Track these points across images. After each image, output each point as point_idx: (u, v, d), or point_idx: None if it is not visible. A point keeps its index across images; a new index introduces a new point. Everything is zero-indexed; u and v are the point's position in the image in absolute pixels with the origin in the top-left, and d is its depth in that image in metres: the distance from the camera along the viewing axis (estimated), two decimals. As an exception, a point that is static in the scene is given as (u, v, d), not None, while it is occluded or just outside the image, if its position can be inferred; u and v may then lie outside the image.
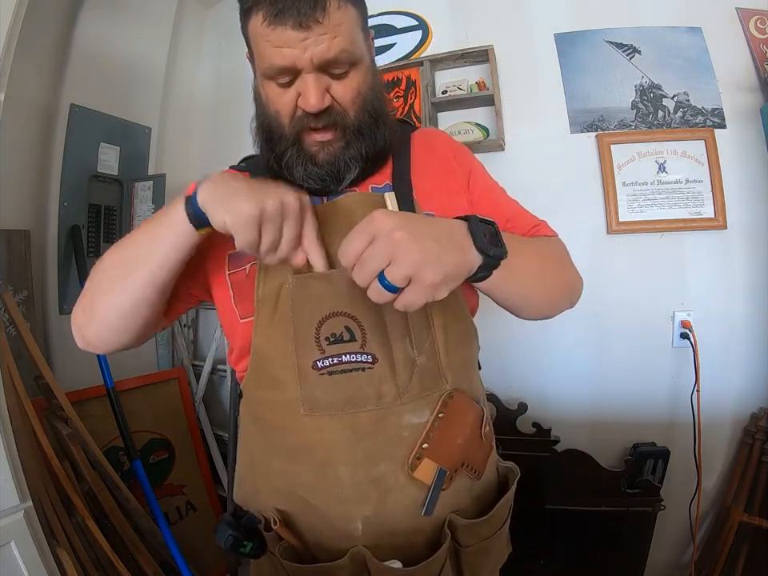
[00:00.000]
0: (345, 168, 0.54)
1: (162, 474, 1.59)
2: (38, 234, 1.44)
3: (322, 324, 0.50)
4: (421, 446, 0.51)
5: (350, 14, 0.50)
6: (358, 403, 0.50)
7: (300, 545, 0.52)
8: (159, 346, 1.83)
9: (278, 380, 0.52)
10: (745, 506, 1.21)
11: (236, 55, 1.98)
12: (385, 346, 0.50)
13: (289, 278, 0.51)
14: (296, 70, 0.49)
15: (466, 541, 0.53)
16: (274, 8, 0.48)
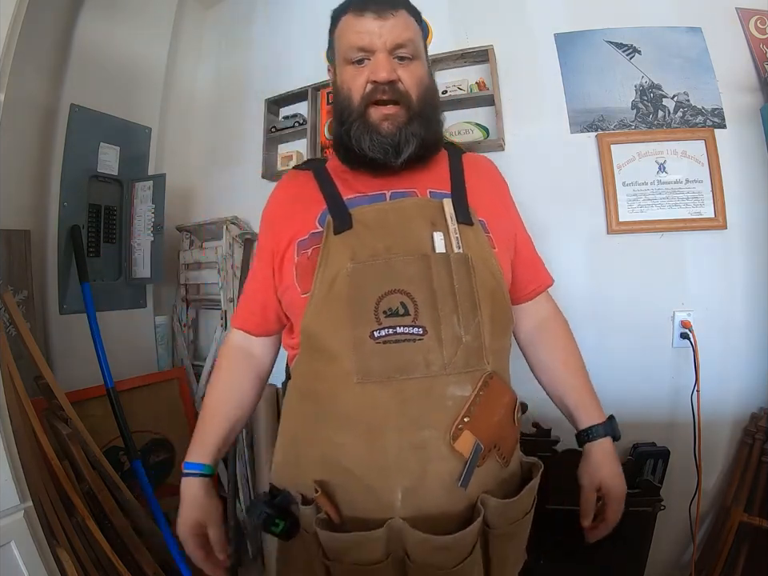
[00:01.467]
0: (404, 141, 0.62)
1: (162, 474, 1.59)
2: (38, 234, 1.45)
3: (381, 299, 0.56)
4: (463, 419, 0.55)
5: (416, 26, 0.65)
6: (408, 370, 0.54)
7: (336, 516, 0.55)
8: (159, 345, 1.84)
9: (331, 351, 0.57)
10: (745, 506, 1.21)
11: (236, 55, 1.98)
12: (434, 322, 0.55)
13: (347, 264, 0.57)
14: (372, 50, 0.61)
15: (494, 522, 0.56)
16: (361, 4, 0.62)
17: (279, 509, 0.59)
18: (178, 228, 1.91)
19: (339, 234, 0.60)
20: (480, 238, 0.62)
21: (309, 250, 0.62)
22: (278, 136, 1.75)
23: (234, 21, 2.00)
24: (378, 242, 0.59)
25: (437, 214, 0.61)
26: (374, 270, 0.57)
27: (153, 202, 1.66)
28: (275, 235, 0.68)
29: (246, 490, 1.69)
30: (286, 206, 0.71)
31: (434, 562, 0.53)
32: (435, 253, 0.58)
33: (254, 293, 0.73)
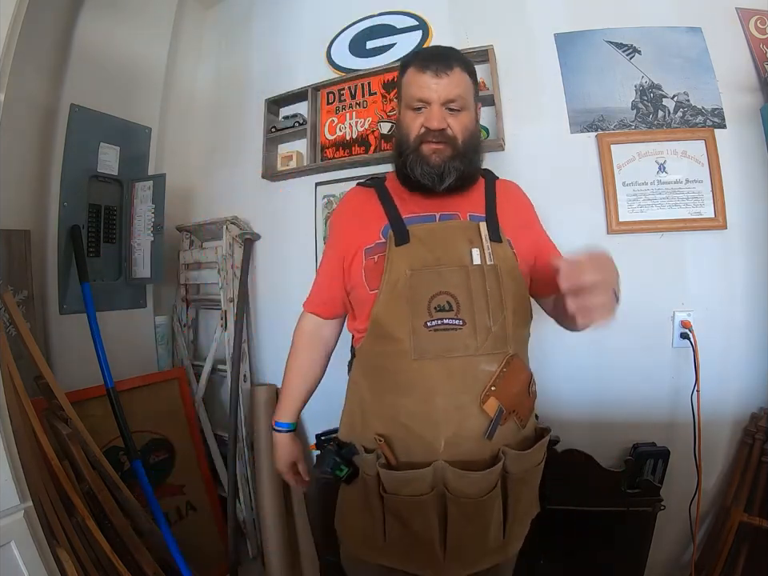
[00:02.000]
0: (447, 172, 0.78)
1: (162, 474, 1.59)
2: (38, 234, 1.44)
3: (432, 298, 0.75)
4: (490, 387, 0.73)
5: (467, 81, 0.80)
6: (451, 351, 0.74)
7: (393, 460, 0.75)
8: (159, 345, 1.84)
9: (394, 336, 0.75)
10: (745, 506, 1.21)
11: (236, 55, 1.98)
12: (470, 316, 0.74)
13: (407, 271, 0.76)
14: (428, 101, 0.77)
15: (511, 468, 0.74)
16: (424, 63, 0.78)
17: (345, 458, 0.79)
18: (178, 228, 1.91)
19: (399, 245, 0.78)
20: (507, 253, 0.79)
21: (375, 256, 0.80)
22: (278, 136, 1.75)
23: (234, 21, 2.00)
24: (428, 253, 0.77)
25: (474, 234, 0.78)
26: (427, 276, 0.75)
27: (153, 202, 1.66)
28: (345, 242, 0.86)
29: (246, 490, 1.69)
30: (353, 218, 0.89)
31: (467, 493, 0.71)
32: (473, 264, 0.76)
33: (325, 286, 0.92)
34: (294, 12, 1.83)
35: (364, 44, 1.67)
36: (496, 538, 0.76)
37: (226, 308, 1.72)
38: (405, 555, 0.76)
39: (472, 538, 0.74)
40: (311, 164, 1.67)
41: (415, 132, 0.79)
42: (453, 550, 0.74)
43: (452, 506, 0.72)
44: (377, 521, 0.77)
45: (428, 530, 0.73)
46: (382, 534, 0.77)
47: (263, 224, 1.83)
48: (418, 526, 0.73)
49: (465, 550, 0.74)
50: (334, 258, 0.89)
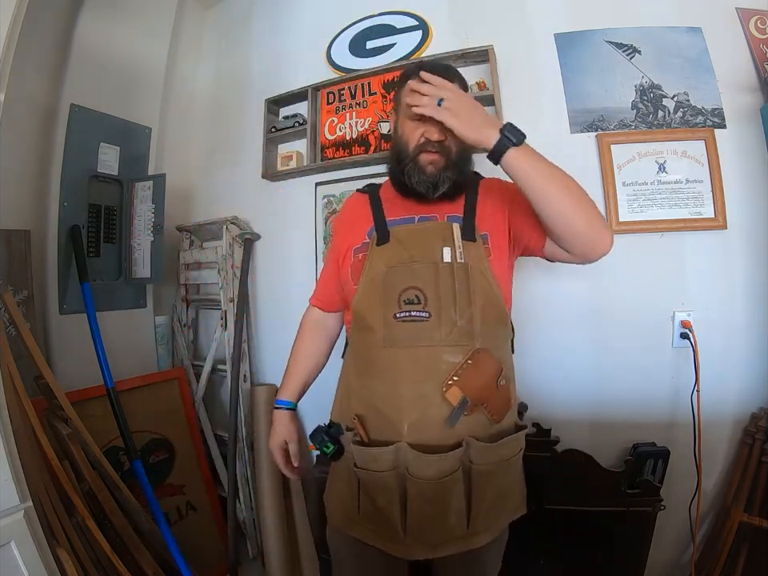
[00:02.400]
0: (441, 182, 0.83)
1: (162, 474, 1.59)
2: (38, 234, 1.45)
3: (403, 292, 0.81)
4: (452, 377, 0.77)
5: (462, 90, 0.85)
6: (417, 340, 0.79)
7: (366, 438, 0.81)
8: (159, 345, 1.84)
9: (370, 326, 0.82)
10: (745, 506, 1.21)
11: (236, 55, 1.98)
12: (436, 309, 0.79)
13: (383, 267, 0.83)
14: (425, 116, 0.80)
15: (476, 459, 0.78)
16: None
17: (332, 437, 0.86)
18: (178, 228, 1.91)
19: (380, 246, 0.85)
20: (479, 251, 0.83)
21: (360, 255, 0.88)
22: (278, 136, 1.75)
23: (234, 21, 2.00)
24: (404, 252, 0.83)
25: (448, 234, 0.83)
26: (400, 272, 0.82)
27: (153, 202, 1.66)
28: (340, 242, 0.95)
29: (246, 490, 1.69)
30: (348, 221, 0.97)
31: (424, 474, 0.76)
32: (443, 262, 0.81)
33: (326, 282, 1.01)
34: (294, 12, 1.84)
35: (364, 44, 1.67)
36: (458, 526, 0.79)
37: (226, 308, 1.72)
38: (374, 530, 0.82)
39: (430, 521, 0.78)
40: (311, 164, 1.67)
41: (415, 142, 0.84)
42: (413, 529, 0.78)
43: (411, 487, 0.77)
44: (353, 494, 0.84)
45: (390, 505, 0.79)
46: (356, 508, 0.83)
47: (263, 224, 1.83)
48: (382, 502, 0.79)
49: (424, 532, 0.78)
50: (331, 259, 0.99)
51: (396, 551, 0.81)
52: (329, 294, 1.01)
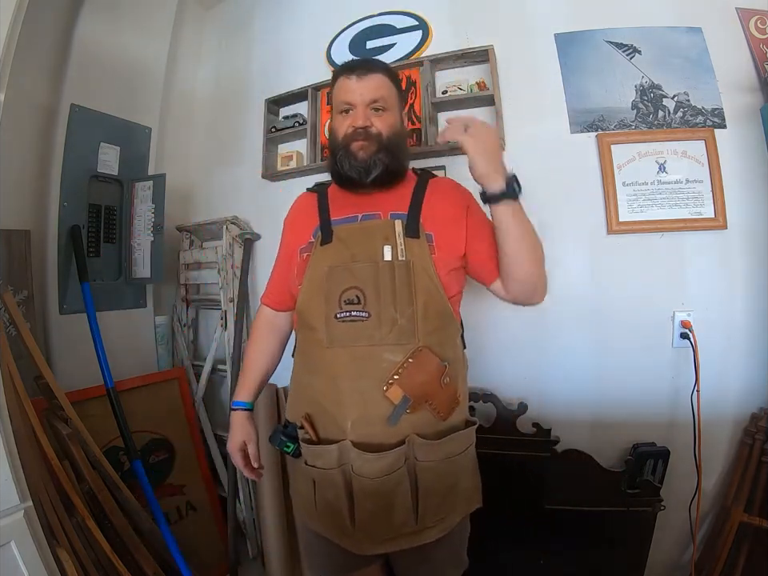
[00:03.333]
0: (372, 165, 0.84)
1: (162, 474, 1.59)
2: (38, 234, 1.45)
3: (343, 292, 0.81)
4: (393, 375, 0.78)
5: (389, 85, 0.89)
6: (357, 340, 0.79)
7: (314, 436, 0.83)
8: (159, 345, 1.84)
9: (312, 326, 0.83)
10: (745, 506, 1.21)
11: (236, 55, 1.98)
12: (376, 309, 0.79)
13: (325, 268, 0.83)
14: (354, 104, 0.86)
15: (420, 456, 0.79)
16: (349, 70, 0.87)
17: (289, 436, 0.86)
18: (178, 228, 1.91)
19: (323, 245, 0.86)
20: (423, 248, 0.83)
21: (305, 254, 0.88)
22: (278, 136, 1.75)
23: (234, 21, 2.00)
24: (346, 251, 0.83)
25: (390, 231, 0.83)
26: (340, 272, 0.82)
27: (153, 202, 1.66)
28: (288, 242, 0.98)
29: (246, 490, 1.69)
30: (296, 220, 0.99)
31: (365, 472, 0.77)
32: (383, 261, 0.81)
33: (276, 281, 1.02)
34: (294, 12, 1.83)
35: (364, 44, 1.67)
36: (405, 522, 0.80)
37: (226, 308, 1.72)
38: (328, 524, 0.84)
39: (376, 517, 0.79)
40: (311, 164, 1.67)
41: (343, 132, 0.87)
42: (360, 524, 0.80)
43: (355, 483, 0.79)
44: (310, 490, 0.85)
45: (338, 501, 0.80)
46: (314, 502, 0.85)
47: (263, 224, 1.83)
48: (331, 497, 0.81)
49: (372, 527, 0.80)
50: (280, 258, 1.02)
51: (348, 545, 0.82)
52: (278, 293, 1.01)
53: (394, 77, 0.90)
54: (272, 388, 1.68)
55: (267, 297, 1.04)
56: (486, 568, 0.96)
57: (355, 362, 0.79)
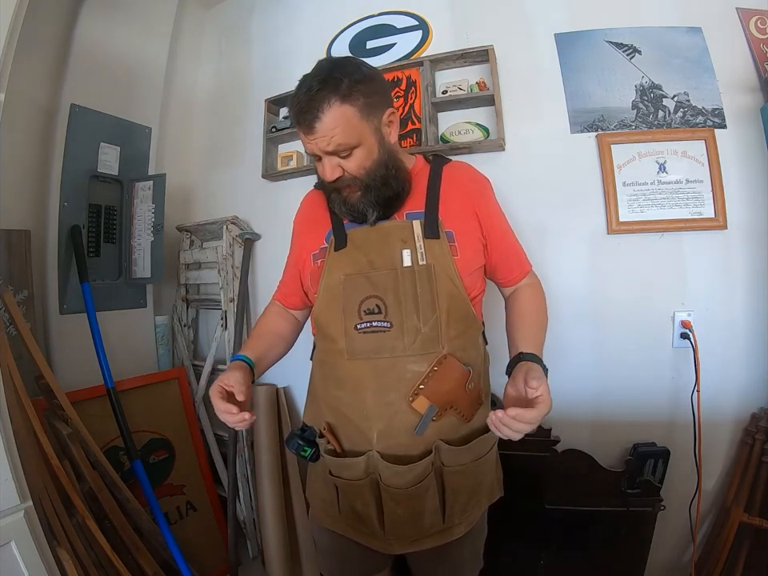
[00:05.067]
0: (364, 209, 0.79)
1: (162, 474, 1.59)
2: (38, 234, 1.44)
3: (363, 302, 0.78)
4: (418, 386, 0.76)
5: (346, 113, 0.72)
6: (379, 352, 0.77)
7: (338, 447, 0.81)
8: (159, 345, 1.83)
9: (332, 336, 0.81)
10: (745, 506, 1.21)
11: (236, 55, 1.98)
12: (398, 318, 0.76)
13: (341, 276, 0.79)
14: (317, 155, 0.77)
15: (447, 461, 0.78)
16: (295, 119, 0.75)
17: (307, 440, 0.83)
18: (178, 228, 1.91)
19: (338, 251, 0.82)
20: (444, 249, 0.79)
21: (318, 261, 0.84)
22: (278, 136, 1.75)
23: (234, 21, 2.00)
24: (363, 257, 0.80)
25: (408, 234, 0.79)
26: (358, 281, 0.78)
27: (153, 202, 1.66)
28: (299, 246, 0.92)
29: (246, 489, 1.69)
30: (305, 222, 0.94)
31: (395, 483, 0.77)
32: (403, 266, 0.77)
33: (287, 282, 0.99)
34: (294, 12, 1.83)
35: (364, 44, 1.67)
36: (434, 524, 0.80)
37: (226, 308, 1.72)
38: (354, 527, 0.84)
39: (406, 521, 0.79)
40: (311, 164, 1.66)
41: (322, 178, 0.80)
42: (390, 528, 0.80)
43: (384, 492, 0.78)
44: (333, 495, 0.84)
45: (366, 508, 0.80)
46: (337, 506, 0.84)
47: (263, 224, 1.83)
48: (359, 505, 0.81)
49: (401, 530, 0.80)
50: (291, 259, 0.98)
51: (377, 546, 0.83)
52: (288, 294, 0.98)
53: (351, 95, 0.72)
54: (272, 388, 1.68)
55: (279, 295, 1.02)
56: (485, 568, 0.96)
57: (378, 374, 0.76)
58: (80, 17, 1.52)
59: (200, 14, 2.05)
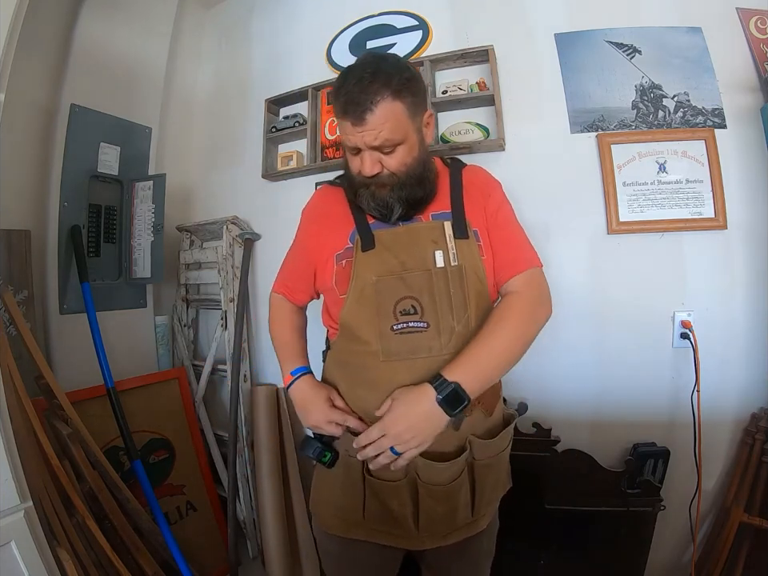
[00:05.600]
0: (392, 205, 0.79)
1: (162, 474, 1.59)
2: (38, 234, 1.45)
3: (398, 303, 0.78)
4: None
5: (395, 109, 0.73)
6: (416, 352, 0.77)
7: None
8: (159, 345, 1.84)
9: (363, 338, 0.79)
10: (745, 506, 1.21)
11: (236, 55, 1.98)
12: (434, 318, 0.77)
13: (373, 277, 0.78)
14: (359, 148, 0.76)
15: (478, 455, 0.80)
16: (342, 106, 0.74)
17: (327, 444, 0.83)
18: (178, 228, 1.91)
19: (365, 251, 0.80)
20: (473, 248, 0.80)
21: (343, 261, 0.82)
22: (278, 136, 1.75)
23: (234, 21, 2.00)
24: (393, 258, 0.79)
25: (439, 234, 0.79)
26: (391, 282, 0.78)
27: (153, 202, 1.66)
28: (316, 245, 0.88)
29: (246, 489, 1.69)
30: (324, 220, 0.90)
31: (435, 480, 0.77)
32: (436, 267, 0.78)
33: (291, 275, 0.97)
34: (294, 12, 1.83)
35: (364, 44, 1.67)
36: (465, 517, 0.82)
37: (226, 308, 1.72)
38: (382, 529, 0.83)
39: (442, 518, 0.80)
40: (311, 164, 1.67)
41: (356, 172, 0.80)
42: (425, 525, 0.80)
43: (422, 490, 0.78)
44: (357, 499, 0.82)
45: (403, 508, 0.79)
46: (361, 511, 0.82)
47: (263, 224, 1.83)
48: (395, 506, 0.80)
49: (435, 526, 0.80)
50: (303, 259, 0.93)
51: (406, 544, 0.83)
52: (296, 290, 0.96)
53: (401, 91, 0.73)
54: (272, 388, 1.68)
55: (282, 287, 0.98)
56: (485, 568, 0.97)
57: (414, 375, 0.76)
58: (80, 17, 1.53)
59: (200, 13, 2.06)
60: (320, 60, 1.74)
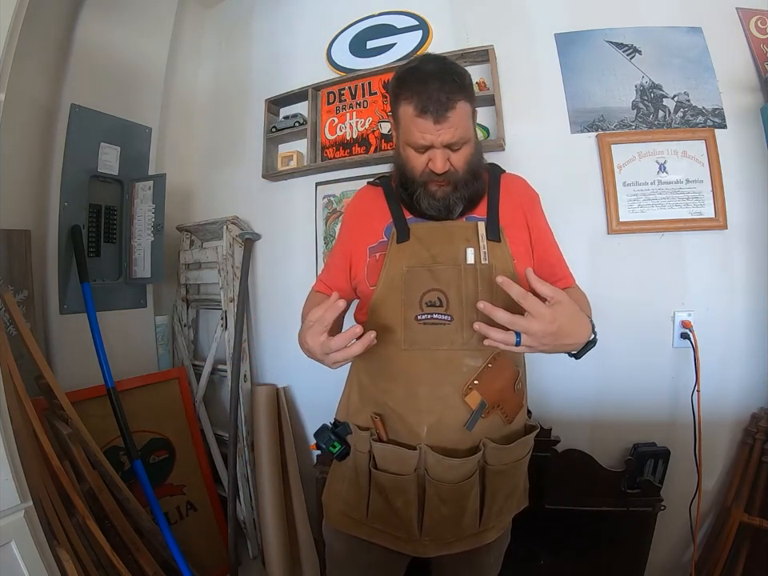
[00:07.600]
0: (452, 204, 0.81)
1: (162, 474, 1.59)
2: (38, 234, 1.45)
3: (425, 294, 0.79)
4: (473, 381, 0.77)
5: (466, 109, 0.77)
6: (438, 344, 0.78)
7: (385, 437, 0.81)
8: (159, 345, 1.84)
9: (388, 327, 0.80)
10: (745, 506, 1.21)
11: (236, 55, 1.98)
12: (459, 312, 0.78)
13: (404, 267, 0.80)
14: (431, 146, 0.76)
15: (491, 460, 0.79)
16: (422, 105, 0.74)
17: (339, 436, 0.84)
18: (178, 228, 1.91)
19: (400, 243, 0.82)
20: (505, 252, 0.81)
21: (377, 254, 0.85)
22: (278, 136, 1.75)
23: (234, 21, 2.00)
24: (425, 251, 0.81)
25: (472, 233, 0.81)
26: (421, 273, 0.80)
27: (153, 202, 1.66)
28: (353, 240, 0.91)
29: (246, 489, 1.69)
30: (362, 217, 0.93)
31: (444, 477, 0.76)
32: (466, 263, 0.79)
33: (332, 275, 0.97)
34: (294, 12, 1.84)
35: (364, 44, 1.67)
36: (471, 525, 0.80)
37: (226, 308, 1.72)
38: (383, 530, 0.82)
39: (447, 521, 0.79)
40: (311, 164, 1.67)
41: (420, 170, 0.80)
42: (428, 529, 0.79)
43: (430, 488, 0.77)
44: (362, 496, 0.83)
45: (407, 507, 0.79)
46: (365, 509, 0.82)
47: (263, 224, 1.83)
48: (400, 503, 0.79)
49: (439, 531, 0.79)
50: (340, 254, 0.95)
51: (408, 550, 0.82)
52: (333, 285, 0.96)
53: (470, 93, 0.78)
54: (272, 388, 1.68)
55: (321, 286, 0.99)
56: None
57: (435, 366, 0.77)
58: (80, 17, 1.52)
59: (200, 13, 2.06)
60: (320, 60, 1.74)
